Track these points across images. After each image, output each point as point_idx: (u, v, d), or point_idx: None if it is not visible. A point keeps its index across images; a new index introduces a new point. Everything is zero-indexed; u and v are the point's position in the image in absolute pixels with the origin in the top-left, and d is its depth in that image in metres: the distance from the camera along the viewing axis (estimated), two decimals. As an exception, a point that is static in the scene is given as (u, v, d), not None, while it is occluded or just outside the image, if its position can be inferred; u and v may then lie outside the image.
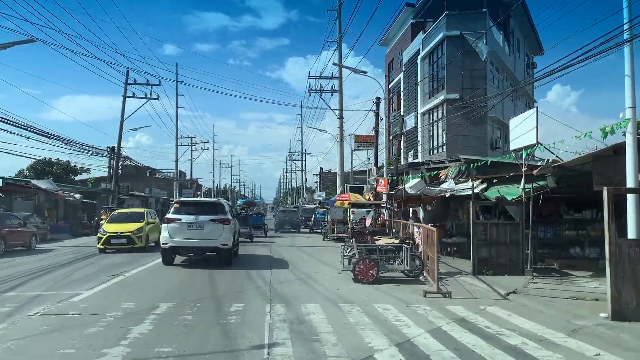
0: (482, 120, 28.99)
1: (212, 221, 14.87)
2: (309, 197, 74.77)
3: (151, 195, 54.89)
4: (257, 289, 11.12)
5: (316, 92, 42.61)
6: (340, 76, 42.63)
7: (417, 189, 16.53)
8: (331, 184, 55.42)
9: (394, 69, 41.53)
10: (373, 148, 44.81)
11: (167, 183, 71.88)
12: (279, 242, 25.50)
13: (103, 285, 11.33)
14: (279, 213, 34.96)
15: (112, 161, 44.07)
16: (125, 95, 43.78)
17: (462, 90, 28.80)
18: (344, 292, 10.74)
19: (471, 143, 28.37)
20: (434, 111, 31.38)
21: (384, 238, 14.74)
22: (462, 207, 18.58)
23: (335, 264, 15.83)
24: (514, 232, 13.49)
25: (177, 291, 10.73)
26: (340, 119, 42.32)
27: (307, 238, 28.56)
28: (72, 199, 33.01)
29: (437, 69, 31.20)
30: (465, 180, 17.24)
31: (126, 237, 19.24)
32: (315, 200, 62.56)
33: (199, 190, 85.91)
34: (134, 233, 19.51)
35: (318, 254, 19.12)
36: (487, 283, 11.97)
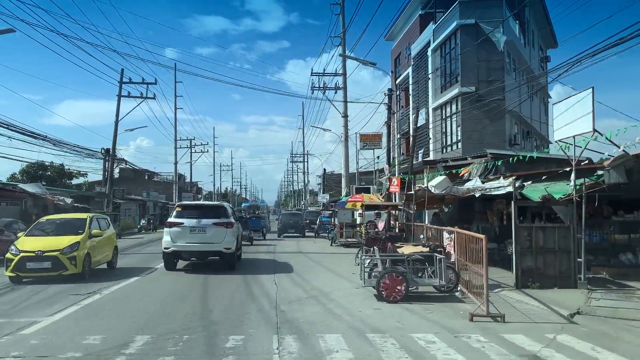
0: (500, 114, 26.86)
1: (215, 225, 14.46)
2: (312, 199, 72.55)
3: (149, 198, 52.75)
4: (261, 311, 8.97)
5: (319, 89, 40.68)
6: (344, 72, 40.65)
7: (442, 188, 14.40)
8: (336, 185, 53.24)
9: (400, 64, 39.42)
10: (380, 147, 42.98)
11: (166, 186, 69.79)
12: (283, 247, 23.36)
13: (71, 308, 9.17)
14: (282, 216, 32.79)
15: (107, 163, 42.11)
16: (120, 94, 41.75)
17: (478, 82, 26.65)
18: (369, 316, 8.59)
19: (488, 139, 26.21)
20: (446, 106, 29.25)
21: (407, 245, 12.59)
22: (491, 208, 16.44)
23: (349, 274, 13.71)
24: (564, 237, 11.32)
25: (161, 316, 8.58)
26: (345, 117, 40.39)
27: (313, 243, 26.41)
28: (63, 203, 30.87)
29: (450, 60, 29.07)
30: (496, 178, 15.09)
31: (51, 259, 12.27)
32: (318, 203, 60.36)
33: (199, 194, 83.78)
34: (64, 252, 12.43)
35: (328, 262, 16.97)
36: (539, 300, 9.82)
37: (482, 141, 26.24)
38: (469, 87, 26.66)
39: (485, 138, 26.40)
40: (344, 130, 40.37)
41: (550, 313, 8.91)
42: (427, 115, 31.01)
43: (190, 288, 11.72)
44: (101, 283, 12.17)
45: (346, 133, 40.25)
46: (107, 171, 42.00)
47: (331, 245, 24.05)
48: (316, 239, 29.30)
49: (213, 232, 14.38)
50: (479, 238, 9.01)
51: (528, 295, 10.37)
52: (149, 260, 17.57)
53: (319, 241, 27.75)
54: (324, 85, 40.57)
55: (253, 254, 19.95)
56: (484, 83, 26.59)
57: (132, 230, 43.73)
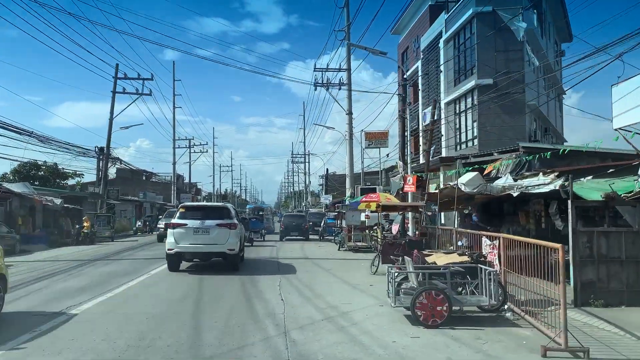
0: (520, 109, 24.89)
1: (219, 226, 14.37)
2: (313, 200, 70.51)
3: (145, 199, 50.68)
4: (266, 341, 6.93)
5: (323, 85, 38.71)
6: (349, 67, 38.67)
7: (474, 186, 12.37)
8: (340, 186, 51.21)
9: (408, 59, 37.45)
10: (385, 146, 40.96)
11: (164, 187, 67.69)
12: (287, 252, 21.32)
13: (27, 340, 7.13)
14: (284, 218, 30.67)
15: (101, 163, 40.05)
16: (115, 90, 39.81)
17: (496, 74, 24.65)
18: (408, 349, 6.56)
19: (507, 135, 24.25)
20: (460, 100, 27.26)
21: (437, 253, 10.55)
22: (523, 209, 14.43)
23: (366, 286, 11.71)
24: (632, 243, 9.31)
25: (139, 348, 6.53)
26: (350, 114, 38.38)
27: (318, 247, 24.36)
28: (52, 204, 28.81)
29: (465, 51, 27.09)
30: (533, 174, 13.10)
31: None
32: (321, 204, 58.29)
33: (199, 195, 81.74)
34: None
35: (339, 270, 14.92)
36: (614, 323, 7.79)
37: (500, 137, 24.29)
38: (486, 79, 24.69)
39: (504, 133, 24.45)
40: (348, 128, 38.28)
41: (637, 343, 6.90)
42: (438, 110, 28.98)
43: (182, 301, 9.72)
44: (82, 294, 10.14)
45: (350, 131, 38.19)
46: (101, 171, 40.05)
47: (339, 250, 22.00)
48: (321, 243, 27.24)
49: (217, 233, 14.26)
50: (546, 247, 7.01)
51: (595, 315, 8.35)
52: (137, 269, 15.51)
53: (324, 245, 25.69)
54: (328, 82, 38.80)
55: (254, 260, 17.92)
56: (502, 75, 24.62)
57: (128, 232, 41.69)
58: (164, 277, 13.65)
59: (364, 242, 21.77)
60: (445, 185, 13.58)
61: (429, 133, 19.46)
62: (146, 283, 12.40)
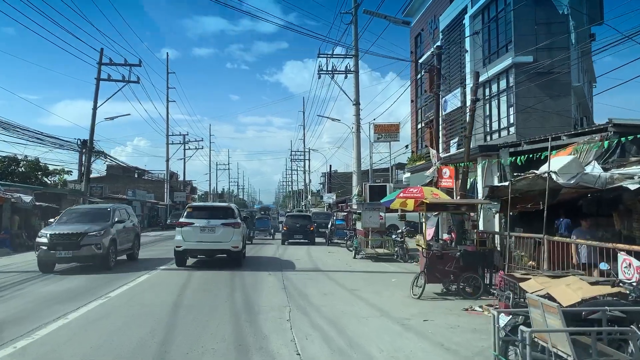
0: (565, 91, 21.03)
1: (224, 225, 14.98)
2: (314, 199, 66.48)
3: (135, 198, 46.52)
4: None
5: (327, 72, 34.91)
6: (356, 53, 34.95)
7: (570, 175, 8.43)
8: (345, 183, 47.30)
9: (423, 43, 33.54)
10: (397, 140, 37.04)
11: (157, 185, 63.63)
12: (293, 260, 17.38)
13: None
14: (287, 219, 26.59)
15: (84, 157, 35.96)
16: (99, 77, 35.59)
17: (537, 51, 20.76)
18: None
19: (550, 123, 20.38)
20: (491, 83, 23.34)
21: (540, 277, 6.56)
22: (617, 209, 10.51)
23: (419, 322, 7.82)
24: None
25: None
26: (357, 104, 34.60)
27: (328, 254, 20.39)
28: (20, 202, 24.81)
29: (497, 27, 23.17)
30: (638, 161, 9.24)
31: None
32: (323, 203, 54.29)
33: (194, 194, 77.63)
34: None
35: (370, 292, 10.94)
36: None
37: (542, 124, 20.44)
38: (525, 56, 20.76)
39: (546, 120, 20.57)
40: (355, 120, 34.44)
41: None
42: (462, 96, 25.06)
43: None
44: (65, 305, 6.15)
45: (358, 122, 34.32)
46: (84, 165, 36.02)
47: (355, 258, 18.03)
48: (330, 248, 23.22)
49: (222, 231, 14.86)
50: None
51: None
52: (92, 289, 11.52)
53: (334, 250, 21.70)
54: (333, 69, 34.91)
55: (254, 272, 13.98)
56: (543, 52, 20.74)
57: (113, 233, 37.57)
58: (122, 305, 9.67)
59: (385, 249, 17.83)
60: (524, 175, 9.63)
61: (473, 112, 15.50)
62: (91, 318, 8.36)
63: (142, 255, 17.81)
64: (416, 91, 34.93)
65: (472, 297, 10.10)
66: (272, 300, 9.81)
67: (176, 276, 13.26)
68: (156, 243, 27.15)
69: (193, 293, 10.72)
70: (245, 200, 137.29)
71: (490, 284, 10.25)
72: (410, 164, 33.65)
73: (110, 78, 35.66)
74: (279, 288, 11.35)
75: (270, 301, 9.74)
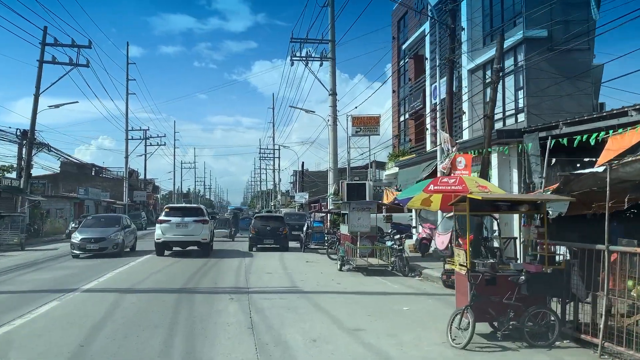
0: (583, 70, 17.73)
1: (195, 221, 17.95)
2: (284, 199, 62.39)
3: (87, 196, 41.57)
4: None
5: (300, 59, 31.08)
6: (333, 39, 31.27)
7: None
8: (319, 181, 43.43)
9: (407, 26, 29.97)
10: (377, 134, 33.30)
11: (116, 184, 58.54)
12: (263, 273, 13.50)
13: None
14: (256, 220, 22.29)
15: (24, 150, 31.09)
16: (42, 59, 30.92)
17: (551, 25, 17.42)
18: None
19: (566, 108, 17.08)
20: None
21: None
22: None
23: None
24: None
25: None
26: (333, 94, 30.98)
27: (306, 263, 16.52)
28: None
29: None
30: None
31: None
32: (294, 203, 50.28)
33: (156, 193, 72.43)
34: None
35: (388, 338, 7.06)
36: None
37: (558, 109, 17.13)
38: (538, 30, 17.38)
39: (562, 105, 17.25)
40: (331, 111, 30.70)
41: None
42: (457, 81, 21.51)
43: None
44: None
45: (334, 114, 30.58)
46: (23, 159, 31.22)
47: (340, 270, 14.21)
48: (307, 255, 19.28)
49: (193, 227, 17.86)
50: None
51: None
52: None
53: (313, 259, 17.79)
54: (307, 55, 31.06)
55: (209, 294, 10.03)
56: (558, 26, 17.44)
57: (61, 235, 32.79)
58: None
59: (380, 259, 14.06)
60: (623, 160, 6.03)
61: (492, 88, 11.92)
62: None
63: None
64: (398, 80, 31.40)
65: (544, 343, 6.46)
66: (231, 358, 5.91)
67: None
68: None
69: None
70: (212, 201, 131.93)
71: (574, 322, 6.61)
72: (392, 161, 30.07)
73: (55, 60, 31.09)
74: (244, 328, 7.40)
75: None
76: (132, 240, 20.63)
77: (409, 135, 29.42)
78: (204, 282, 12.11)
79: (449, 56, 13.93)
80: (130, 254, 19.17)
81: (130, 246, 20.27)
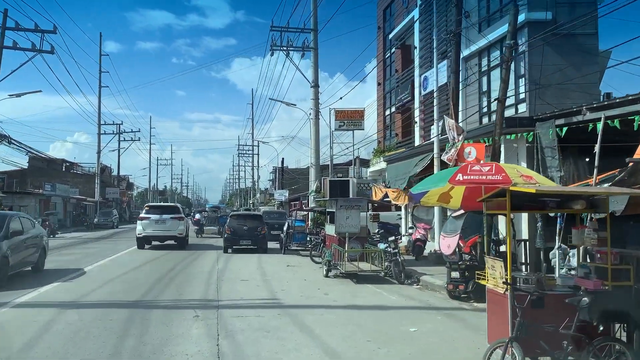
0: (590, 58, 16.23)
1: (172, 218, 19.86)
2: (263, 197, 60.32)
3: (54, 193, 38.93)
4: None
5: (281, 48, 29.19)
6: (315, 28, 29.48)
7: None
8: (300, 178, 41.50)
9: (394, 15, 28.24)
10: (361, 128, 31.51)
11: (88, 180, 55.77)
12: (238, 281, 11.65)
13: None
14: (231, 219, 20.14)
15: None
16: (2, 44, 28.46)
17: (556, 7, 15.90)
18: None
19: (571, 96, 15.53)
20: (490, 50, 18.31)
21: None
22: None
23: None
24: None
25: None
26: (316, 87, 29.17)
27: (287, 267, 14.66)
28: None
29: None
30: None
31: None
32: (274, 201, 48.28)
33: (130, 190, 69.59)
34: None
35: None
36: None
37: (563, 96, 15.60)
38: (541, 12, 15.80)
39: (567, 93, 15.71)
40: (313, 104, 28.89)
41: None
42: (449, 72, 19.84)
43: None
44: None
45: (317, 107, 28.78)
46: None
47: (327, 276, 12.39)
48: (288, 258, 17.37)
49: (170, 223, 19.75)
50: None
51: None
52: None
53: (295, 263, 15.91)
54: (288, 44, 29.18)
55: (169, 310, 8.12)
56: (563, 8, 15.94)
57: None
58: None
59: (372, 264, 12.26)
60: None
61: (504, 68, 10.23)
62: None
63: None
64: (384, 72, 29.70)
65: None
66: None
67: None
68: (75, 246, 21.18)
69: None
70: (189, 199, 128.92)
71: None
72: (378, 157, 28.35)
73: (16, 46, 28.57)
74: (209, 356, 5.54)
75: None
76: (30, 256, 12.10)
77: (395, 130, 27.76)
78: (167, 292, 10.17)
79: (455, 29, 12.19)
80: (23, 279, 11.41)
81: (33, 263, 12.34)
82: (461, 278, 9.32)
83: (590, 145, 10.68)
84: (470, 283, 9.17)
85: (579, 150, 11.40)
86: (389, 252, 12.04)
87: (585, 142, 10.88)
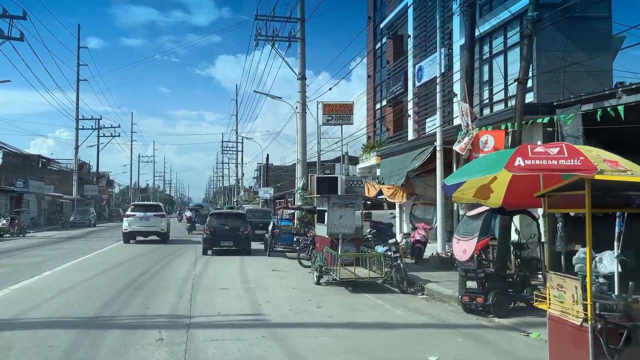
0: (603, 44, 14.92)
1: (155, 215, 21.77)
2: (247, 195, 58.52)
3: (26, 189, 36.74)
4: None
5: (266, 38, 27.53)
6: (302, 17, 27.87)
7: None
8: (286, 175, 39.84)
9: (385, 4, 26.79)
10: (350, 123, 30.00)
11: (65, 177, 53.42)
12: (215, 290, 10.09)
13: None
14: (211, 218, 18.40)
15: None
16: (-33, 31, 26.39)
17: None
18: None
19: (582, 84, 14.16)
20: (492, 36, 16.92)
21: None
22: None
23: None
24: None
25: None
26: (303, 79, 27.63)
27: (272, 272, 13.07)
28: None
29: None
30: None
31: None
32: (258, 199, 46.57)
33: (110, 187, 67.23)
34: None
35: None
36: None
37: (573, 84, 14.19)
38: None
39: (578, 81, 14.33)
40: (300, 97, 27.32)
41: None
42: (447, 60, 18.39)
43: None
44: None
45: (303, 100, 27.25)
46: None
47: (318, 284, 10.83)
48: (273, 261, 15.74)
49: (153, 220, 21.59)
50: None
51: None
52: None
53: (281, 267, 14.30)
54: (274, 34, 27.52)
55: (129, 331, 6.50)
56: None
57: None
58: None
59: (370, 270, 10.73)
60: None
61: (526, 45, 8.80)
62: None
63: None
64: (374, 64, 28.22)
65: None
66: None
67: None
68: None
69: None
70: (172, 197, 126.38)
71: None
72: (367, 153, 26.88)
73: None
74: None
75: None
76: None
77: (386, 125, 26.32)
78: (132, 305, 8.52)
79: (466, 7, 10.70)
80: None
81: None
82: (479, 289, 7.82)
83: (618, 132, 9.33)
84: (490, 295, 7.68)
85: (603, 140, 10.00)
86: (389, 257, 10.51)
87: (608, 131, 9.53)
